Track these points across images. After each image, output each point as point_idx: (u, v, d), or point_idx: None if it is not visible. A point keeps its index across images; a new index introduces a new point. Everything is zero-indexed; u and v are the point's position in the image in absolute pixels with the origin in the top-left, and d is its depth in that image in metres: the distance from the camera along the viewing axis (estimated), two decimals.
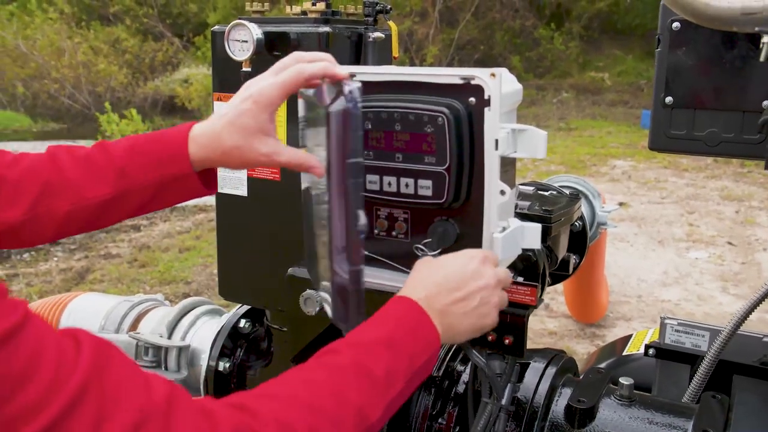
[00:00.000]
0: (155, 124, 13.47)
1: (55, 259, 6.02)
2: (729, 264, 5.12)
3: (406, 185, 0.90)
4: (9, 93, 14.72)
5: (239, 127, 0.88)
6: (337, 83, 0.85)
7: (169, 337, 1.59)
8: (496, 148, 0.83)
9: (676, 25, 1.42)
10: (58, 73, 14.56)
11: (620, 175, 7.90)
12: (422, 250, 0.91)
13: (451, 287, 0.83)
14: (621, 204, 6.61)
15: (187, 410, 0.66)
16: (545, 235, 1.43)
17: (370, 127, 0.91)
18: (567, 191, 1.74)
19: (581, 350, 3.85)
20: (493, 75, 0.82)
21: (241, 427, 0.67)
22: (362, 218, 0.83)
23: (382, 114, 0.90)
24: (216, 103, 1.34)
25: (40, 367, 0.58)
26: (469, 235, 0.90)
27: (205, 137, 0.90)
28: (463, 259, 0.85)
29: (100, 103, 13.20)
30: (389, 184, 0.92)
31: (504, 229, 0.89)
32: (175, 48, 16.25)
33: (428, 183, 0.88)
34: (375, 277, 0.98)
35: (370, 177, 0.92)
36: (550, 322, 4.21)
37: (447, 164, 0.87)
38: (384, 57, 1.33)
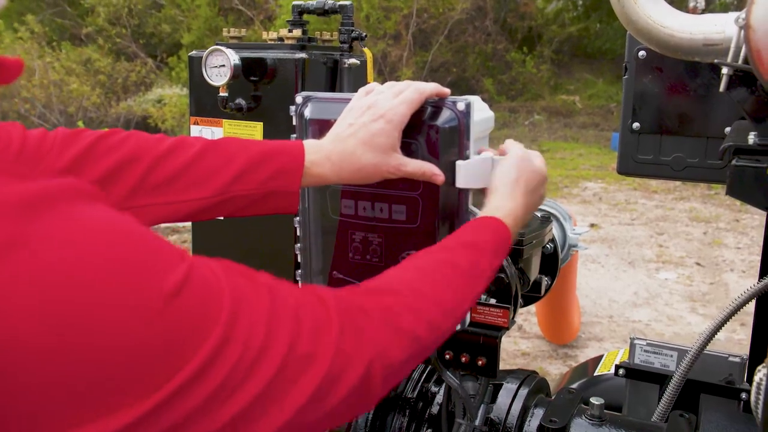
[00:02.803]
0: None
1: None
2: (697, 284, 5.21)
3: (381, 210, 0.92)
4: None
5: (375, 146, 0.90)
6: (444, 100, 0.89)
7: None
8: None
9: (642, 53, 1.47)
10: (28, 93, 14.41)
11: (591, 196, 8.01)
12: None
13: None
14: (592, 225, 6.70)
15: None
16: (517, 257, 1.46)
17: None
18: (538, 214, 1.77)
19: (554, 371, 3.88)
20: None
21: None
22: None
23: None
24: (193, 127, 1.35)
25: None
26: None
27: (336, 155, 0.91)
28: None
29: (72, 123, 13.10)
30: (363, 208, 0.94)
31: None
32: (148, 68, 16.19)
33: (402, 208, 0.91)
34: None
35: (345, 202, 0.94)
36: (523, 343, 4.25)
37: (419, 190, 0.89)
38: (359, 82, 1.35)
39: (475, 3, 15.34)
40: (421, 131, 0.88)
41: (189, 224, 1.43)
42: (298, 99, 0.96)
